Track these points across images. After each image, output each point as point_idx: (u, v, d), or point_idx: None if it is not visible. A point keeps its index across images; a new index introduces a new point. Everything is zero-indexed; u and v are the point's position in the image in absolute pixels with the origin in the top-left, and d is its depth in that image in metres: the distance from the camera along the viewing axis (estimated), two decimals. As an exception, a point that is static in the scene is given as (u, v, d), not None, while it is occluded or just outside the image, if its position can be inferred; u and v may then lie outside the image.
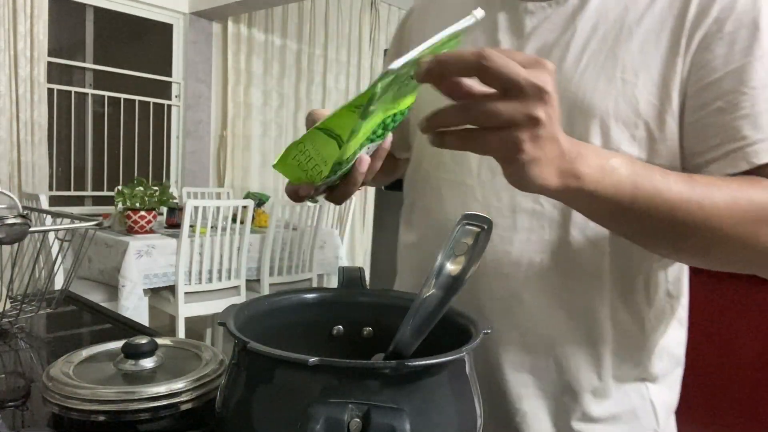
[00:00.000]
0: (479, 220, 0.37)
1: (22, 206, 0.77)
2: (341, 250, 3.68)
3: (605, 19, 0.61)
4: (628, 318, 0.64)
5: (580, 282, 0.63)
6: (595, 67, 0.60)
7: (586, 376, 0.64)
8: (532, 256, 0.63)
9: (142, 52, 4.31)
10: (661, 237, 0.54)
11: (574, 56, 0.61)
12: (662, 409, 0.68)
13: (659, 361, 0.67)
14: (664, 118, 0.59)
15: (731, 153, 0.55)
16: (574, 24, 0.62)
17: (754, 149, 0.54)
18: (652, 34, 0.59)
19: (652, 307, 0.65)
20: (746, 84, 0.55)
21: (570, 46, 0.61)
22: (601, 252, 0.62)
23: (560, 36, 0.62)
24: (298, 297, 0.57)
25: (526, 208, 0.63)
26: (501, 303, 0.64)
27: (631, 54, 0.59)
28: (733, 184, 0.53)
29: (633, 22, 0.59)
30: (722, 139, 0.56)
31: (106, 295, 2.76)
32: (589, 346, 0.63)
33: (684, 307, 0.71)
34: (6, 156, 3.43)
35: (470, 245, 0.38)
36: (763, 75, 0.55)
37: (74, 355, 0.58)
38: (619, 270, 0.63)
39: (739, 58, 0.55)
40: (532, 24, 0.64)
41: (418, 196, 0.74)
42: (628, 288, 0.63)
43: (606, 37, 0.60)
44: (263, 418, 0.40)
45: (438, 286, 0.38)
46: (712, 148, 0.57)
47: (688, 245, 0.54)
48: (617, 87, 0.59)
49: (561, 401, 0.64)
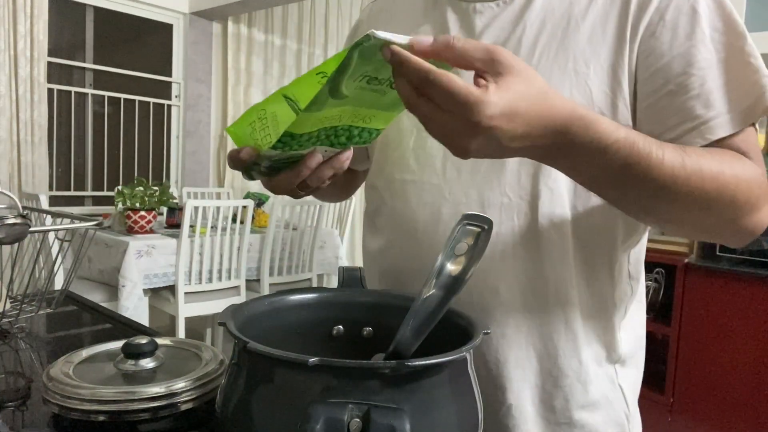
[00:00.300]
0: (479, 220, 0.37)
1: (22, 206, 0.77)
2: (341, 250, 3.68)
3: (552, 15, 0.63)
4: (595, 300, 0.66)
5: (551, 269, 0.64)
6: (548, 60, 0.62)
7: (566, 362, 0.65)
8: (504, 248, 0.64)
9: (142, 52, 4.31)
10: (645, 197, 0.55)
11: (527, 51, 0.63)
12: (630, 393, 0.70)
13: (625, 342, 0.69)
14: (617, 105, 0.61)
15: (687, 132, 0.58)
16: (522, 21, 0.64)
17: (708, 126, 0.57)
18: (598, 26, 0.61)
19: (616, 289, 0.67)
20: (693, 66, 0.58)
21: (521, 41, 0.64)
22: (566, 237, 0.64)
23: (511, 33, 0.64)
24: (298, 297, 0.58)
25: (495, 203, 0.64)
26: (478, 297, 0.65)
27: (580, 46, 0.61)
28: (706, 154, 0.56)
29: (579, 15, 0.62)
30: (677, 120, 0.59)
31: (106, 295, 2.77)
32: (566, 332, 0.65)
33: (642, 287, 0.73)
34: (6, 156, 3.43)
35: (470, 245, 0.38)
36: (708, 56, 0.58)
37: (74, 355, 0.58)
38: (584, 254, 0.65)
39: (683, 42, 0.58)
40: (482, 23, 0.66)
41: (382, 200, 0.74)
42: (592, 271, 0.66)
43: (554, 31, 0.63)
44: (263, 418, 0.40)
45: (438, 286, 0.38)
46: (668, 130, 0.59)
47: (669, 208, 0.56)
48: (570, 78, 0.61)
49: (544, 390, 0.66)
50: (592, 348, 0.66)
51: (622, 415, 0.69)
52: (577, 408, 0.66)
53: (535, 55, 0.63)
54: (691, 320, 2.17)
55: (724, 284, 2.09)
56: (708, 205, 0.55)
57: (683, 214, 0.56)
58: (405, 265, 0.70)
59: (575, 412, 0.66)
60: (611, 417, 0.68)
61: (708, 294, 2.13)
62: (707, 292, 2.13)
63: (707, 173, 0.53)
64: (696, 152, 0.54)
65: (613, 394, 0.68)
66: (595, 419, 0.67)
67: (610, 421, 0.68)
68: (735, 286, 2.06)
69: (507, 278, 0.64)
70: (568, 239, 0.64)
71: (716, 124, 0.57)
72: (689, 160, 0.53)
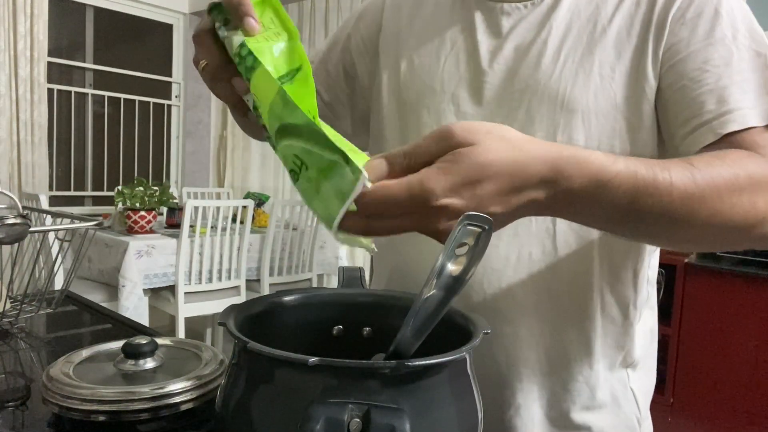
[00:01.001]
0: (480, 220, 0.37)
1: (22, 206, 0.77)
2: (341, 250, 3.68)
3: (578, 18, 0.63)
4: (617, 306, 0.66)
5: (570, 273, 0.64)
6: (573, 64, 0.62)
7: (577, 366, 0.65)
8: (520, 250, 0.64)
9: (142, 52, 4.31)
10: (664, 232, 0.52)
11: (552, 53, 0.63)
12: (642, 396, 0.70)
13: (640, 346, 0.69)
14: (641, 108, 0.60)
15: (698, 127, 0.56)
16: (549, 23, 0.63)
17: (720, 121, 0.55)
18: (623, 30, 0.61)
19: (639, 293, 0.67)
20: (709, 63, 0.57)
21: (547, 44, 0.63)
22: (589, 242, 0.63)
23: (537, 35, 0.64)
24: (298, 297, 0.57)
25: None
26: (492, 298, 0.65)
27: (606, 51, 0.61)
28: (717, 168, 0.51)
29: (605, 19, 0.62)
30: (689, 114, 0.57)
31: (106, 295, 2.76)
32: (580, 336, 0.65)
33: (655, 290, 0.73)
34: (6, 156, 3.43)
35: (471, 246, 0.38)
36: (725, 54, 0.57)
37: (74, 355, 0.58)
38: (608, 259, 0.64)
39: (700, 40, 0.58)
40: (509, 24, 0.66)
41: None
42: (616, 276, 0.65)
43: (581, 35, 0.62)
44: (263, 418, 0.40)
45: (439, 286, 0.38)
46: (681, 125, 0.58)
47: (692, 235, 0.52)
48: (595, 82, 0.61)
49: (553, 392, 0.65)
50: (605, 352, 0.66)
51: (633, 419, 0.68)
52: (585, 411, 0.66)
53: (561, 57, 0.62)
54: (691, 320, 2.17)
55: (724, 284, 2.09)
56: (730, 216, 0.50)
57: (705, 231, 0.51)
58: (412, 263, 0.70)
59: (583, 414, 0.65)
60: (621, 420, 0.67)
61: (708, 294, 2.13)
62: (707, 292, 2.13)
63: (721, 182, 0.49)
64: (704, 162, 0.50)
65: (625, 397, 0.68)
66: (603, 422, 0.66)
67: (620, 424, 0.67)
68: (735, 286, 2.06)
69: (522, 280, 0.64)
70: (592, 243, 0.63)
71: (728, 119, 0.55)
72: (699, 175, 0.48)
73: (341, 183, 0.40)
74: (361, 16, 0.80)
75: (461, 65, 0.67)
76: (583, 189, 0.43)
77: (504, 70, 0.65)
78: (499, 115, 0.64)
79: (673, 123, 0.59)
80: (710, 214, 0.49)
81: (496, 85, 0.65)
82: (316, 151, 0.41)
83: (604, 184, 0.44)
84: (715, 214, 0.49)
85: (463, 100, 0.67)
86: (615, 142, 0.61)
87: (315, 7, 4.80)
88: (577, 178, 0.43)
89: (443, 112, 0.67)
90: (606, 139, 0.61)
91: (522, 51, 0.64)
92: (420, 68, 0.70)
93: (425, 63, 0.70)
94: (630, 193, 0.45)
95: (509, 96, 0.64)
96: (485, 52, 0.66)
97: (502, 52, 0.65)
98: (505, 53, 0.65)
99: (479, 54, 0.66)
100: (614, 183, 0.44)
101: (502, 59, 0.65)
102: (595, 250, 0.63)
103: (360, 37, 0.79)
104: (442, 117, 0.67)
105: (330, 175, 0.41)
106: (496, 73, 0.65)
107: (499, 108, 0.65)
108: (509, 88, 0.64)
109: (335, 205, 0.41)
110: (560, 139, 0.62)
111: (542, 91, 0.62)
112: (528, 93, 0.63)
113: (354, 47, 0.78)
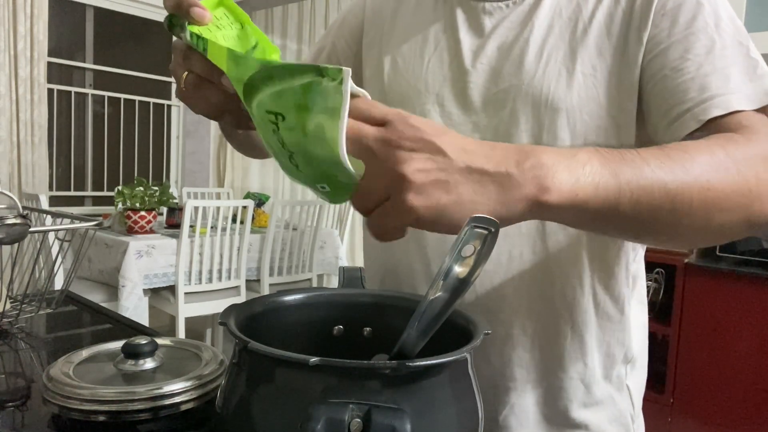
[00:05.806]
0: (486, 222, 0.37)
1: (22, 206, 0.77)
2: (341, 250, 3.68)
3: (560, 17, 0.63)
4: (611, 302, 0.66)
5: (561, 272, 0.64)
6: (556, 63, 0.62)
7: (572, 364, 0.65)
8: (511, 250, 0.64)
9: (142, 52, 4.31)
10: (657, 227, 0.49)
11: (535, 52, 0.62)
12: (636, 392, 0.70)
13: (635, 341, 0.69)
14: (625, 104, 0.60)
15: (681, 115, 0.55)
16: (531, 22, 0.63)
17: (702, 108, 0.54)
18: (604, 28, 0.61)
19: (631, 289, 0.67)
20: (690, 51, 0.57)
21: (530, 43, 0.63)
22: (578, 241, 0.63)
23: (519, 34, 0.64)
24: (298, 297, 0.57)
25: None
26: (484, 299, 0.65)
27: (588, 49, 0.61)
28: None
29: (586, 18, 0.62)
30: (672, 102, 0.57)
31: (106, 295, 2.76)
32: (573, 334, 0.65)
33: (643, 285, 0.73)
34: (6, 156, 3.43)
35: (477, 248, 0.38)
36: (707, 43, 0.56)
37: (74, 355, 0.58)
38: (599, 256, 0.64)
39: (682, 30, 0.57)
40: (492, 23, 0.66)
41: None
42: (608, 273, 0.65)
43: (563, 34, 0.62)
44: (263, 418, 0.40)
45: (445, 288, 0.38)
46: (664, 114, 0.58)
47: (684, 228, 0.49)
48: (578, 81, 0.61)
49: (549, 390, 0.66)
50: (600, 349, 0.66)
51: (627, 416, 0.69)
52: (581, 408, 0.66)
53: (543, 57, 0.62)
54: (691, 320, 2.17)
55: (724, 284, 2.09)
56: (713, 201, 0.47)
57: (690, 220, 0.47)
58: (406, 264, 0.70)
59: (578, 412, 0.66)
60: (616, 417, 0.68)
61: (708, 294, 2.13)
62: (707, 292, 2.13)
63: (698, 156, 0.47)
64: (677, 144, 0.49)
65: (620, 394, 0.68)
66: (598, 419, 0.67)
67: (615, 421, 0.67)
68: (735, 286, 2.06)
69: (514, 281, 0.64)
70: (580, 241, 0.63)
71: (711, 104, 0.54)
72: (670, 149, 0.47)
73: (327, 99, 0.37)
74: (344, 21, 0.80)
75: (444, 65, 0.67)
76: (562, 162, 0.42)
77: (487, 69, 0.65)
78: (484, 116, 0.65)
79: (656, 114, 0.59)
80: (702, 187, 0.46)
81: (479, 85, 0.65)
82: (285, 86, 0.39)
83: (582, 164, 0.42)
84: (709, 188, 0.46)
85: (448, 100, 0.67)
86: (600, 140, 0.61)
87: (315, 7, 4.80)
88: (552, 152, 0.42)
89: (428, 113, 0.67)
90: (591, 138, 0.61)
91: (505, 50, 0.64)
92: (404, 69, 0.70)
93: (409, 63, 0.70)
94: (603, 165, 0.43)
95: (493, 96, 0.64)
96: (468, 51, 0.66)
97: (485, 52, 0.65)
98: (488, 52, 0.65)
99: (462, 53, 0.66)
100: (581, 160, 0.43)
101: (485, 59, 0.65)
102: (583, 247, 0.64)
103: (345, 41, 0.79)
104: (427, 118, 0.67)
105: (311, 101, 0.38)
106: (480, 73, 0.65)
107: (483, 108, 0.65)
108: (493, 88, 0.64)
109: (331, 126, 0.38)
110: (545, 138, 0.62)
111: (526, 91, 0.62)
112: (512, 92, 0.63)
113: (340, 52, 0.79)
